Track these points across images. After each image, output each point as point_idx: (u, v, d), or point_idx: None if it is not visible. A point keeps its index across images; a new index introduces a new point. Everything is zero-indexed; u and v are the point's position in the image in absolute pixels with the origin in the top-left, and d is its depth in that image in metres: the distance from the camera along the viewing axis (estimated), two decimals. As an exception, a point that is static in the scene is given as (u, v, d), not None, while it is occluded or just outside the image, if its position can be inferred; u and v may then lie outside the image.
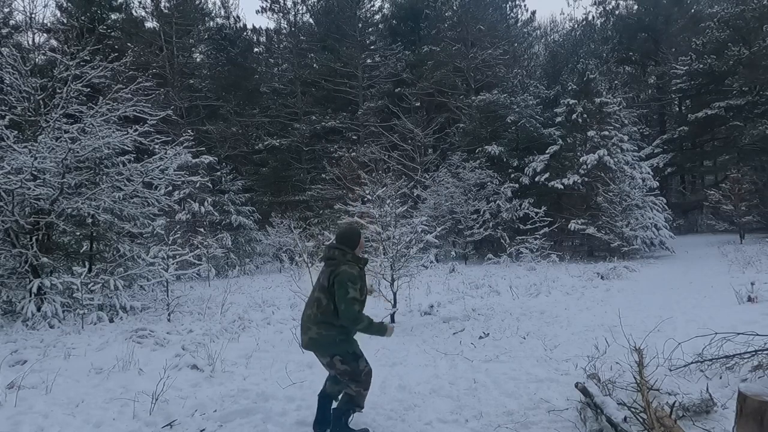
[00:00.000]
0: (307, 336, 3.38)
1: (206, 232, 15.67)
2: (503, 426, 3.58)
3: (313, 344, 3.39)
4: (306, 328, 3.39)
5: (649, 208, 16.35)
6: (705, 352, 4.34)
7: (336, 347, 3.36)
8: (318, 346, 3.38)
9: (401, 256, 7.84)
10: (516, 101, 19.67)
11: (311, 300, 3.45)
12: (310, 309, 3.39)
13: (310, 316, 3.38)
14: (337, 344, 3.36)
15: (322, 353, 3.40)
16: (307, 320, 3.40)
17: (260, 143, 26.61)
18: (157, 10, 26.12)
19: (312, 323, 3.35)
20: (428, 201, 18.45)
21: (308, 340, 3.38)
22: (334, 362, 3.36)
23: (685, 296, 8.67)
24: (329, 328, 3.33)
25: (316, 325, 3.34)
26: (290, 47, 29.30)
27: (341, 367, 3.37)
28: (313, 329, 3.34)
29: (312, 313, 3.37)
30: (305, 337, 3.39)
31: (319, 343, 3.36)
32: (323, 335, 3.33)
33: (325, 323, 3.33)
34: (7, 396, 4.26)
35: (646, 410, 3.13)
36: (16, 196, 7.65)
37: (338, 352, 3.35)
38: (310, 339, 3.36)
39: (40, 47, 22.23)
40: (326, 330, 3.33)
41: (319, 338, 3.34)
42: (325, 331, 3.33)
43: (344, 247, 3.48)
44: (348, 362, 3.38)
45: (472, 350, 5.72)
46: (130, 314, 8.29)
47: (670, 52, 27.05)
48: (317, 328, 3.33)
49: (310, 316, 3.38)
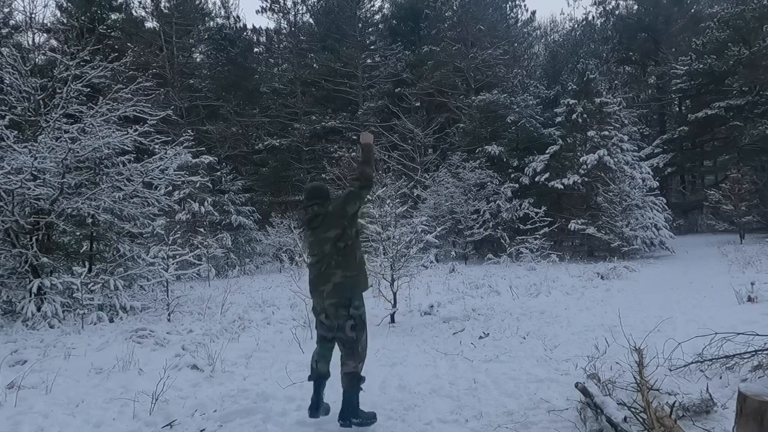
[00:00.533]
0: (331, 283, 3.43)
1: (206, 232, 15.68)
2: (503, 426, 3.58)
3: (337, 290, 3.43)
4: (329, 276, 3.44)
5: (649, 208, 16.35)
6: (705, 352, 4.34)
7: (359, 287, 3.51)
8: (343, 290, 3.44)
9: (401, 256, 7.83)
10: (516, 101, 19.67)
11: (327, 255, 3.47)
12: (330, 260, 3.45)
13: (332, 264, 3.44)
14: (360, 283, 3.52)
15: (344, 299, 3.44)
16: (328, 268, 3.45)
17: (260, 143, 26.61)
18: (157, 10, 26.12)
19: (336, 268, 3.44)
20: (428, 201, 18.46)
21: (333, 286, 3.43)
22: (345, 326, 3.43)
23: (685, 296, 8.67)
24: (353, 268, 3.47)
25: (341, 268, 3.44)
26: (290, 47, 29.29)
27: (350, 333, 3.44)
28: (339, 273, 3.43)
29: (334, 260, 3.44)
30: (329, 284, 3.44)
31: (345, 285, 3.44)
32: (348, 276, 3.44)
33: (348, 265, 3.45)
34: (7, 396, 4.26)
35: (646, 410, 3.13)
36: (16, 196, 7.65)
37: (357, 301, 3.47)
38: (335, 285, 3.42)
39: (40, 47, 22.21)
40: (349, 271, 3.45)
41: (344, 281, 3.43)
42: (349, 272, 3.45)
43: (319, 200, 3.55)
44: (356, 329, 3.47)
45: (472, 350, 5.71)
46: (130, 314, 8.29)
47: (670, 52, 27.06)
48: (342, 271, 3.43)
49: (332, 263, 3.44)
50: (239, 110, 26.34)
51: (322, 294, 3.51)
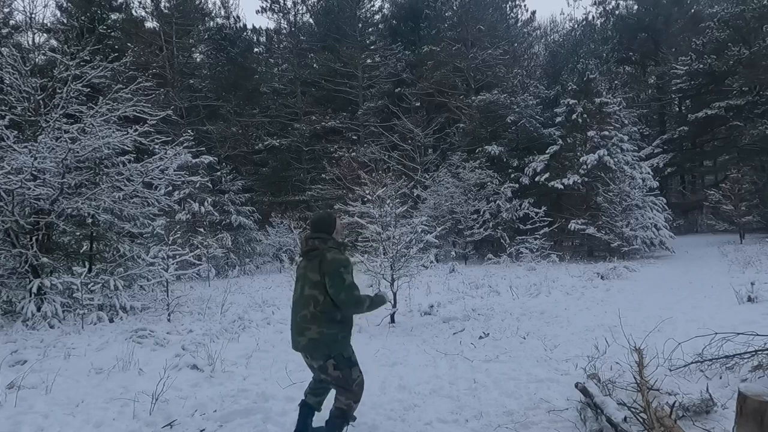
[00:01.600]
0: (305, 337, 3.15)
1: (206, 232, 15.67)
2: (503, 426, 3.58)
3: (312, 346, 3.16)
4: (303, 329, 3.16)
5: (649, 208, 16.35)
6: (705, 352, 4.34)
7: (336, 346, 3.18)
8: (318, 346, 3.16)
9: (401, 256, 7.83)
10: (516, 101, 19.67)
11: (303, 300, 3.20)
12: (305, 309, 3.16)
13: (306, 317, 3.15)
14: (338, 342, 3.19)
15: (320, 354, 3.18)
16: (303, 321, 3.17)
17: (260, 143, 26.61)
18: (157, 10, 26.10)
19: (310, 323, 3.13)
20: (428, 201, 18.46)
21: (307, 341, 3.15)
22: (327, 366, 3.17)
23: (685, 296, 8.68)
24: (331, 326, 3.14)
25: (317, 323, 3.12)
26: (290, 47, 29.28)
27: (334, 373, 3.18)
28: (314, 329, 3.12)
29: (309, 312, 3.14)
30: (302, 339, 3.17)
31: (320, 343, 3.14)
32: (325, 334, 3.13)
33: (326, 321, 3.13)
34: (7, 396, 4.26)
35: (646, 410, 3.14)
36: (16, 196, 7.65)
37: (336, 353, 3.18)
38: (310, 340, 3.14)
39: (40, 47, 22.21)
40: (328, 328, 3.13)
41: (320, 337, 3.12)
42: (327, 329, 3.13)
43: (322, 234, 3.30)
44: (341, 368, 3.20)
45: (472, 350, 5.72)
46: (130, 314, 8.29)
47: (670, 52, 27.06)
48: (318, 326, 3.12)
49: (306, 316, 3.15)
50: (239, 110, 26.34)
51: (297, 344, 3.25)
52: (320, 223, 3.37)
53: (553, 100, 20.74)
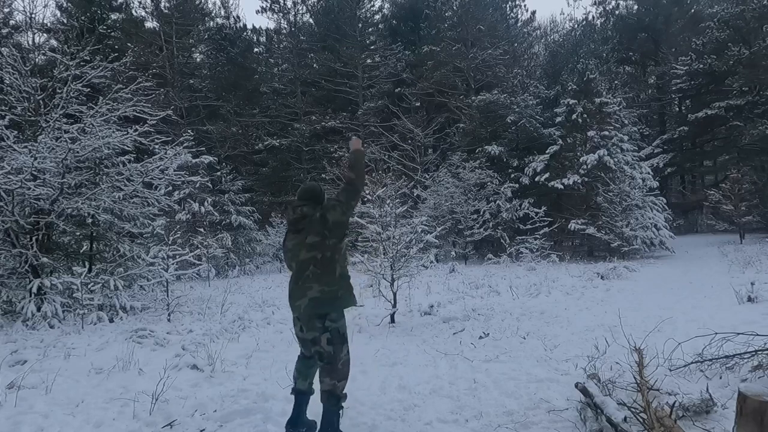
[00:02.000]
0: (306, 297, 3.20)
1: (206, 232, 15.68)
2: (503, 426, 3.58)
3: (313, 304, 3.20)
4: (306, 289, 3.21)
5: (649, 208, 16.36)
6: (705, 352, 4.34)
7: (337, 304, 3.26)
8: (320, 304, 3.21)
9: (401, 256, 7.83)
10: (516, 101, 19.68)
11: (302, 265, 3.25)
12: (306, 271, 3.22)
13: (308, 277, 3.20)
14: (338, 299, 3.26)
15: (320, 315, 3.21)
16: (305, 281, 3.21)
17: (260, 143, 26.61)
18: (157, 10, 26.10)
19: (312, 281, 3.19)
20: (428, 201, 18.46)
21: (308, 301, 3.20)
22: (321, 338, 3.20)
23: (685, 296, 8.68)
24: (331, 282, 3.22)
25: (317, 281, 3.19)
26: (290, 47, 29.28)
27: (326, 348, 3.21)
28: (315, 287, 3.19)
29: (310, 272, 3.20)
30: (303, 300, 3.21)
31: (321, 301, 3.20)
32: (326, 291, 3.20)
33: (327, 277, 3.20)
34: (7, 396, 4.26)
35: (646, 410, 3.14)
36: (16, 196, 7.65)
37: (334, 315, 3.24)
38: (311, 300, 3.19)
39: (40, 47, 22.21)
40: (328, 285, 3.20)
41: (321, 296, 3.19)
42: (327, 287, 3.20)
43: (310, 202, 3.31)
44: (334, 342, 3.23)
45: (472, 350, 5.71)
46: (130, 314, 8.30)
47: (670, 52, 27.06)
48: (319, 284, 3.19)
49: (308, 276, 3.20)
50: (239, 110, 26.34)
51: (298, 309, 3.29)
52: (308, 191, 3.40)
53: (553, 100, 20.74)
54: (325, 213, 3.26)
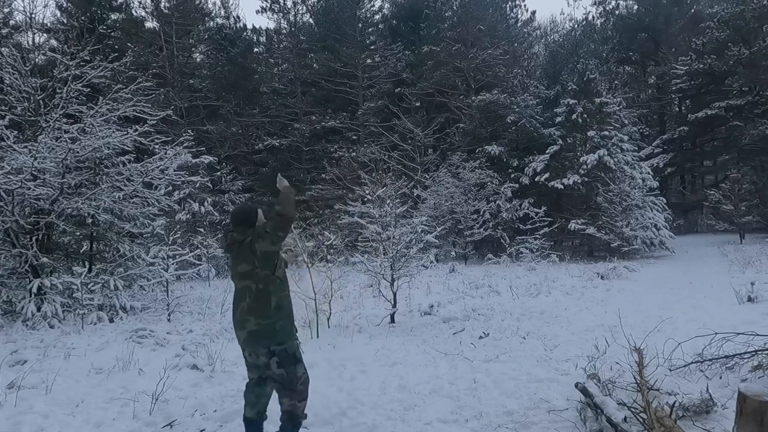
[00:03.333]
0: (245, 330, 3.12)
1: (206, 232, 15.66)
2: (503, 426, 3.58)
3: (253, 338, 3.12)
4: (243, 322, 3.13)
5: (649, 208, 16.36)
6: (705, 352, 4.34)
7: (277, 336, 3.12)
8: (259, 338, 3.11)
9: (401, 256, 7.83)
10: (516, 101, 19.67)
11: (239, 293, 3.18)
12: (243, 301, 3.14)
13: (243, 309, 3.12)
14: (278, 332, 3.12)
15: (263, 346, 3.11)
16: (242, 314, 3.13)
17: (260, 143, 26.61)
18: (157, 10, 26.10)
19: (249, 314, 3.10)
20: (428, 201, 18.45)
21: (247, 334, 3.12)
22: (270, 364, 3.10)
23: (685, 296, 8.68)
24: (267, 316, 3.10)
25: (253, 315, 3.09)
26: (290, 47, 29.27)
27: (277, 371, 3.10)
28: (252, 321, 3.09)
29: (245, 304, 3.11)
30: (243, 332, 3.14)
31: (260, 334, 3.09)
32: (263, 325, 3.09)
33: (262, 310, 3.09)
34: (7, 396, 4.26)
35: (646, 410, 3.14)
36: (16, 196, 7.65)
37: (279, 348, 3.11)
38: (250, 333, 3.11)
39: (40, 47, 22.23)
40: (264, 318, 3.09)
41: (259, 329, 3.09)
42: (263, 320, 3.09)
43: (241, 227, 3.22)
44: (285, 365, 3.11)
45: (472, 350, 5.72)
46: (130, 314, 8.30)
47: (670, 52, 27.05)
48: (255, 317, 3.09)
49: (243, 308, 3.12)
50: (239, 110, 26.33)
51: (239, 339, 3.23)
52: (239, 215, 3.30)
53: (553, 100, 20.73)
54: (253, 241, 3.12)
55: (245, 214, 3.30)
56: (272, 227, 3.15)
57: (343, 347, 6.07)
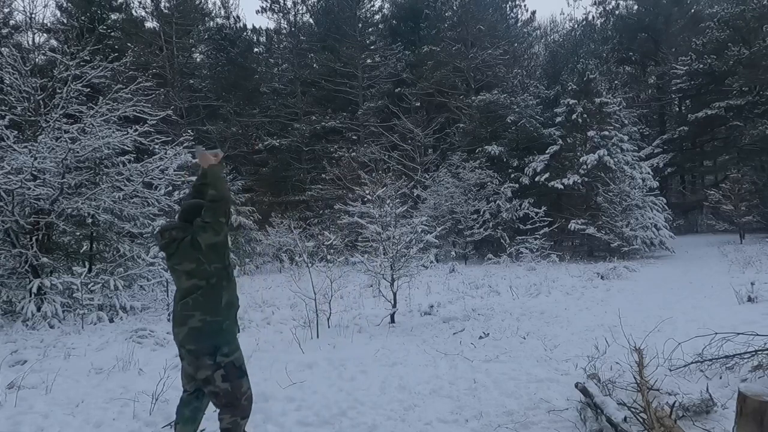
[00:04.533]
0: (186, 327, 2.89)
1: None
2: (503, 426, 3.58)
3: (194, 336, 2.88)
4: (184, 318, 2.90)
5: (649, 208, 16.35)
6: (705, 352, 4.34)
7: (221, 337, 2.93)
8: (201, 337, 2.89)
9: (401, 256, 7.83)
10: (516, 101, 19.67)
11: (184, 290, 2.95)
12: (188, 296, 2.92)
13: (188, 304, 2.90)
14: (223, 332, 2.95)
15: (204, 347, 2.89)
16: (183, 309, 2.92)
17: (260, 143, 26.61)
18: (157, 10, 26.11)
19: (194, 310, 2.88)
20: (428, 201, 18.45)
21: (188, 330, 2.89)
22: (214, 377, 2.87)
23: (685, 296, 8.68)
24: (215, 313, 2.91)
25: (200, 310, 2.88)
26: (290, 47, 29.28)
27: (222, 386, 2.89)
28: (196, 316, 2.87)
29: (191, 299, 2.90)
30: (184, 328, 2.90)
31: (203, 333, 2.88)
32: (208, 322, 2.88)
33: (210, 307, 2.90)
34: (7, 396, 4.26)
35: (646, 410, 3.14)
36: (16, 196, 7.65)
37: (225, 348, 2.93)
38: (191, 329, 2.88)
39: (40, 47, 22.23)
40: (212, 315, 2.90)
41: (203, 326, 2.87)
42: (210, 317, 2.89)
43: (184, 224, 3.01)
44: (231, 378, 2.91)
45: (472, 350, 5.71)
46: (130, 314, 8.30)
47: (670, 52, 27.05)
48: (201, 313, 2.87)
49: (188, 303, 2.90)
50: (239, 110, 26.33)
51: (177, 338, 2.96)
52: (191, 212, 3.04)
53: (553, 100, 20.73)
54: (195, 236, 2.91)
55: (195, 209, 3.03)
56: (211, 215, 2.92)
57: (343, 347, 6.07)
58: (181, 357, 3.04)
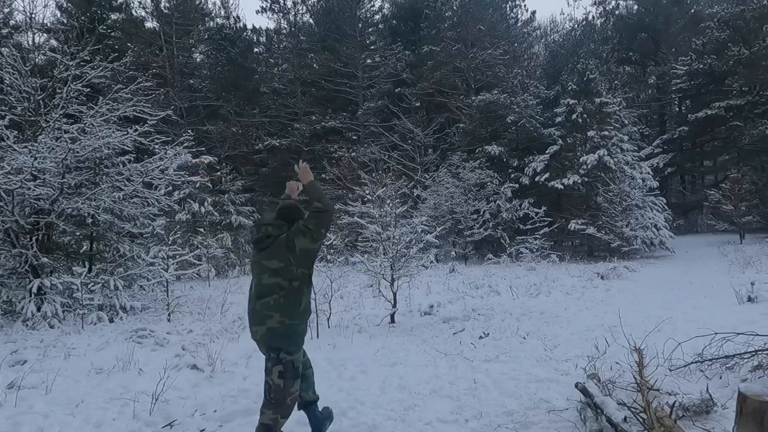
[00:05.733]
0: (264, 326, 3.00)
1: (206, 232, 15.66)
2: (503, 426, 3.58)
3: (270, 336, 3.00)
4: (263, 317, 3.00)
5: (649, 208, 16.35)
6: (705, 352, 4.34)
7: (293, 340, 3.05)
8: (276, 337, 3.00)
9: (401, 256, 7.83)
10: (516, 101, 19.67)
11: (265, 288, 3.03)
12: (268, 296, 3.00)
13: (269, 303, 2.99)
14: (296, 335, 3.06)
15: (276, 346, 3.01)
16: (264, 308, 3.00)
17: (260, 143, 26.61)
18: (157, 10, 26.11)
19: (274, 311, 2.98)
20: (428, 201, 18.45)
21: (266, 330, 3.00)
22: (273, 370, 3.00)
23: (685, 296, 8.68)
24: (293, 316, 3.01)
25: (280, 311, 2.98)
26: (290, 47, 29.29)
27: (276, 381, 2.99)
28: (276, 317, 2.97)
29: (272, 299, 2.98)
30: (262, 327, 3.01)
31: (279, 334, 2.99)
32: (286, 324, 2.99)
33: (290, 309, 2.99)
34: (7, 396, 4.26)
35: (646, 410, 3.14)
36: (16, 196, 7.65)
37: (291, 348, 3.03)
38: (269, 330, 2.99)
39: (40, 47, 22.25)
40: (290, 318, 3.00)
41: (280, 327, 2.98)
42: (288, 320, 2.99)
43: (282, 223, 3.13)
44: (286, 377, 3.00)
45: (472, 350, 5.71)
46: (130, 314, 8.29)
47: (670, 52, 27.05)
48: (280, 315, 2.98)
49: (269, 303, 2.99)
50: (239, 110, 26.34)
51: (254, 335, 3.09)
52: (287, 212, 3.19)
53: (553, 100, 20.73)
54: (292, 238, 3.02)
55: (295, 211, 3.19)
56: (315, 224, 3.05)
57: (343, 347, 6.07)
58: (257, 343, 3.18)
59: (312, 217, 3.08)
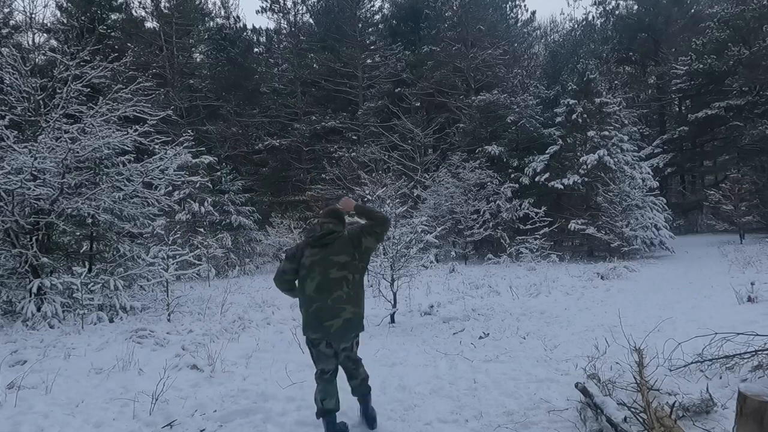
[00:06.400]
0: (340, 319, 3.25)
1: (206, 232, 15.67)
2: (503, 426, 3.58)
3: (345, 326, 3.28)
4: (338, 311, 3.25)
5: (649, 208, 16.35)
6: (705, 352, 4.34)
7: (362, 324, 3.43)
8: (350, 327, 3.31)
9: (401, 256, 7.83)
10: (516, 101, 19.67)
11: (332, 283, 3.26)
12: (338, 290, 3.25)
13: (341, 297, 3.25)
14: (362, 320, 3.43)
15: (352, 334, 3.38)
16: (337, 302, 3.25)
17: (260, 143, 26.61)
18: (157, 10, 26.12)
19: (346, 303, 3.26)
20: (428, 201, 18.45)
21: (343, 322, 3.26)
22: (353, 345, 3.45)
23: (685, 296, 8.68)
24: (361, 305, 3.37)
25: (351, 303, 3.28)
26: (290, 47, 29.29)
27: (355, 351, 3.49)
28: (348, 309, 3.27)
29: (343, 293, 3.26)
30: (337, 320, 3.24)
31: (352, 323, 3.32)
32: (357, 314, 3.33)
33: (358, 300, 3.35)
34: (7, 396, 4.26)
35: (646, 410, 3.14)
36: (16, 196, 7.65)
37: (360, 331, 3.43)
38: (345, 321, 3.26)
39: (40, 47, 22.26)
40: (359, 307, 3.35)
41: (354, 317, 3.30)
42: (358, 309, 3.34)
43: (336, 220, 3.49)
44: (357, 349, 3.52)
45: (472, 350, 5.71)
46: (130, 314, 8.29)
47: (670, 52, 27.06)
48: (352, 306, 3.29)
49: (341, 297, 3.25)
50: (239, 110, 26.34)
51: (328, 329, 3.27)
52: (334, 212, 3.56)
53: (553, 100, 20.74)
54: (360, 235, 3.39)
55: (339, 213, 3.58)
56: (381, 228, 3.48)
57: (343, 347, 6.06)
58: (314, 344, 3.40)
59: (381, 223, 3.50)
